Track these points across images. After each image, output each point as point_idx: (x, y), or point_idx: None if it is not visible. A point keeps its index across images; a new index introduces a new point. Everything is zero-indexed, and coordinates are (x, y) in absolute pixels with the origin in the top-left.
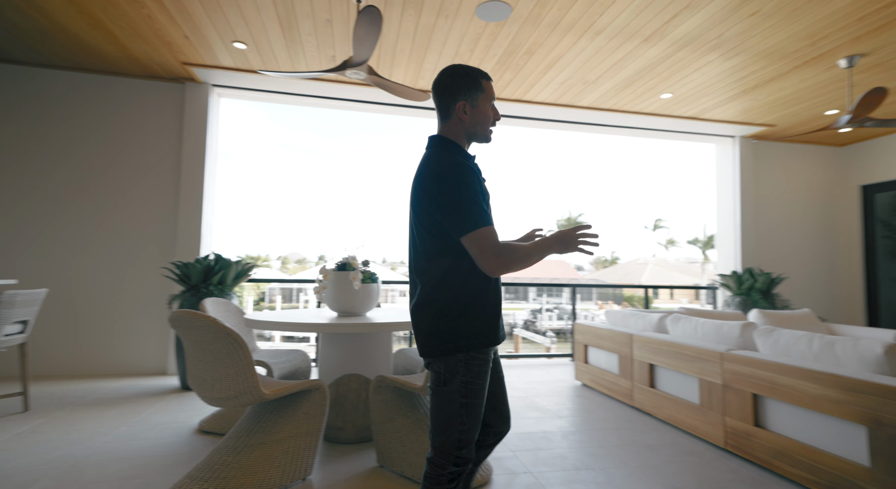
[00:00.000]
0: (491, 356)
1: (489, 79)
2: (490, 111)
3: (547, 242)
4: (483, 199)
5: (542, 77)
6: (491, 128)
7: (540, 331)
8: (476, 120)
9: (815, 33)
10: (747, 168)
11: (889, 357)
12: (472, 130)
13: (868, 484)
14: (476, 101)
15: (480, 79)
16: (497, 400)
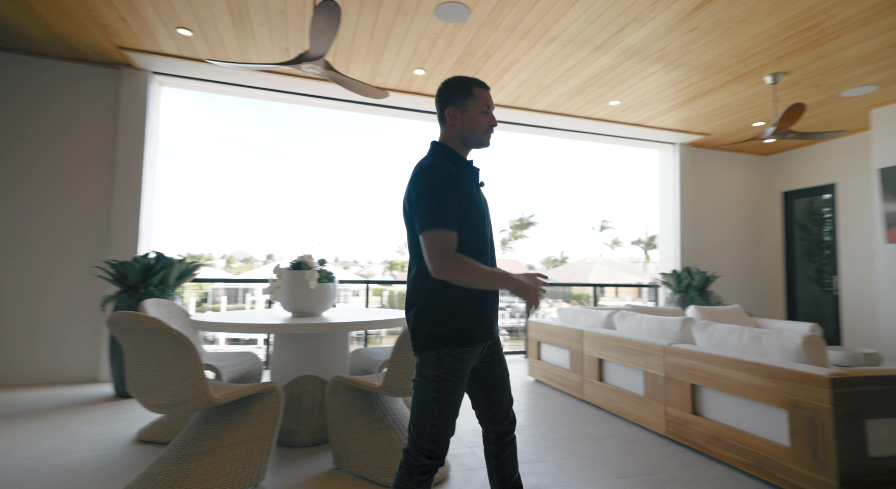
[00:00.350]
0: (469, 355)
1: (484, 87)
2: (482, 117)
3: (507, 278)
4: (458, 202)
5: (498, 79)
6: (486, 133)
7: None
8: (466, 125)
9: (745, 51)
10: (686, 173)
11: (806, 347)
12: (464, 135)
13: (788, 462)
14: (466, 107)
15: (472, 86)
16: (489, 399)
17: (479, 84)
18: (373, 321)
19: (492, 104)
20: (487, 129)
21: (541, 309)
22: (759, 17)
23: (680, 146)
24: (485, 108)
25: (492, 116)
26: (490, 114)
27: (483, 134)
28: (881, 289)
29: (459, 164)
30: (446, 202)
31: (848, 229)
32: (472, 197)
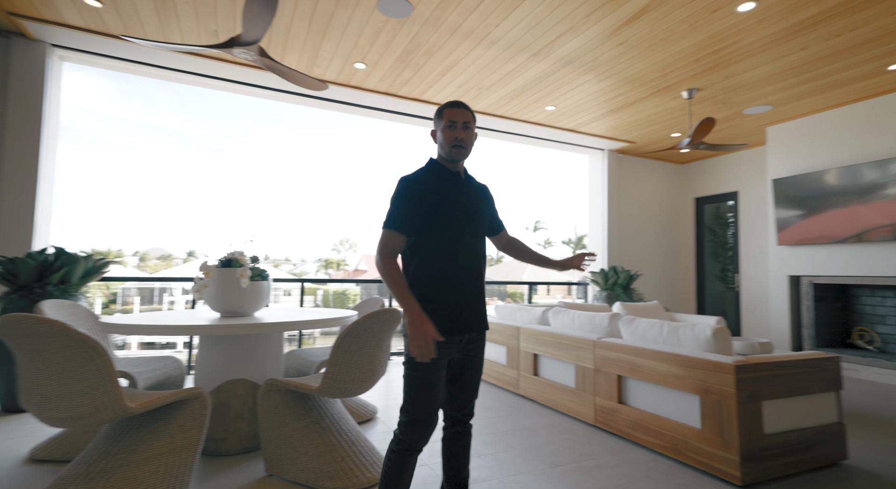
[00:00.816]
0: (443, 344)
1: (455, 106)
2: (446, 133)
3: (406, 309)
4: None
5: (440, 78)
6: (452, 147)
7: None
8: (440, 143)
9: (665, 67)
10: (613, 178)
11: (715, 338)
12: (440, 151)
13: (699, 442)
14: (438, 129)
15: (444, 109)
16: (455, 385)
17: (451, 104)
18: (311, 320)
19: (459, 118)
20: (454, 143)
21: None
22: (678, 36)
23: (608, 152)
24: (450, 124)
25: (453, 133)
26: (457, 128)
27: (450, 148)
28: (773, 285)
29: (441, 175)
30: (401, 208)
31: (748, 232)
32: (448, 203)
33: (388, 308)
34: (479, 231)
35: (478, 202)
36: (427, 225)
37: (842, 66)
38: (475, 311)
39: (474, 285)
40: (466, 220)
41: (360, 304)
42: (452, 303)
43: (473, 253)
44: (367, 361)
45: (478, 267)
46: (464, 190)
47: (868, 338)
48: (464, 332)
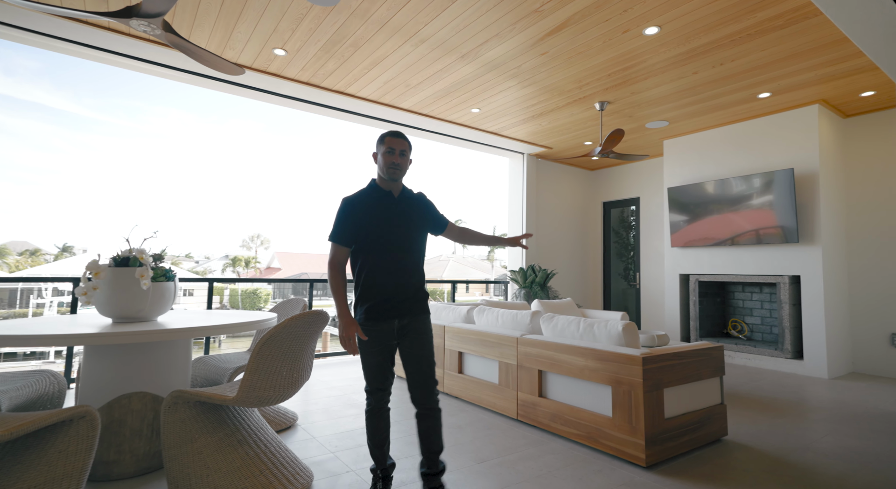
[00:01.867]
0: (372, 329)
1: (396, 136)
2: (385, 158)
3: (340, 312)
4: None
5: (366, 72)
6: (388, 169)
7: None
8: (379, 165)
9: (581, 79)
10: (532, 181)
11: (625, 333)
12: (379, 171)
13: (610, 430)
14: (379, 153)
15: (385, 137)
16: (406, 369)
17: (391, 134)
18: (226, 325)
19: (397, 146)
20: (391, 166)
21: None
22: (594, 51)
23: (527, 156)
24: (389, 150)
25: (397, 156)
26: (394, 155)
27: (387, 169)
28: (667, 283)
29: (376, 194)
30: (341, 224)
31: (647, 235)
32: (380, 216)
33: (314, 310)
34: (413, 238)
35: (410, 212)
36: (364, 235)
37: (724, 91)
38: (405, 301)
39: (404, 281)
40: (397, 228)
41: (280, 306)
42: (383, 296)
43: (405, 255)
44: (290, 367)
45: (408, 265)
46: (396, 205)
47: (739, 328)
48: (393, 318)
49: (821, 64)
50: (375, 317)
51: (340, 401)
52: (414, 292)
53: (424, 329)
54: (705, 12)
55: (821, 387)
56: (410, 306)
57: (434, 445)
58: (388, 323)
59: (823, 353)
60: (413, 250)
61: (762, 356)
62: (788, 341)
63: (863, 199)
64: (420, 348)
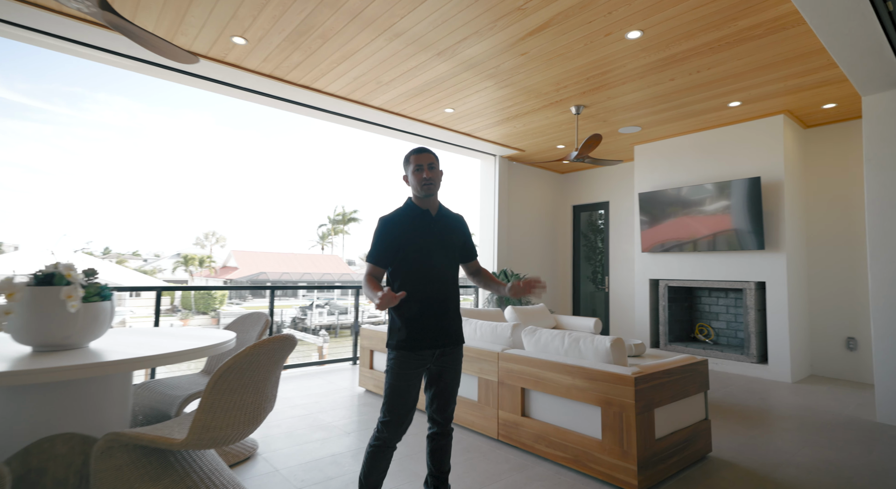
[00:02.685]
0: (412, 358)
1: (420, 152)
2: (417, 175)
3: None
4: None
5: (335, 67)
6: (422, 186)
7: (310, 329)
8: (412, 185)
9: (560, 82)
10: (504, 184)
11: (613, 349)
12: (413, 191)
13: (600, 453)
14: (408, 173)
15: (410, 156)
16: (431, 392)
17: (416, 151)
18: (174, 353)
19: (424, 161)
20: (423, 182)
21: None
22: (574, 54)
23: (499, 158)
24: (417, 168)
25: (426, 170)
26: (423, 170)
27: (420, 187)
28: (638, 288)
29: (413, 214)
30: (378, 245)
31: (616, 239)
32: (419, 237)
33: (282, 335)
34: (450, 258)
35: (448, 233)
36: (402, 256)
37: (697, 99)
38: (445, 328)
39: (443, 306)
40: (435, 250)
41: (239, 322)
42: (422, 322)
43: (442, 278)
44: (251, 401)
45: (446, 290)
46: (433, 224)
47: (706, 333)
48: (433, 348)
49: (790, 75)
50: (414, 345)
51: (305, 422)
52: (453, 319)
53: (459, 360)
54: (689, 18)
55: (786, 392)
56: (452, 334)
57: (445, 465)
58: (428, 351)
59: (787, 358)
60: (452, 273)
61: (729, 360)
62: (754, 346)
63: (821, 208)
64: (454, 378)
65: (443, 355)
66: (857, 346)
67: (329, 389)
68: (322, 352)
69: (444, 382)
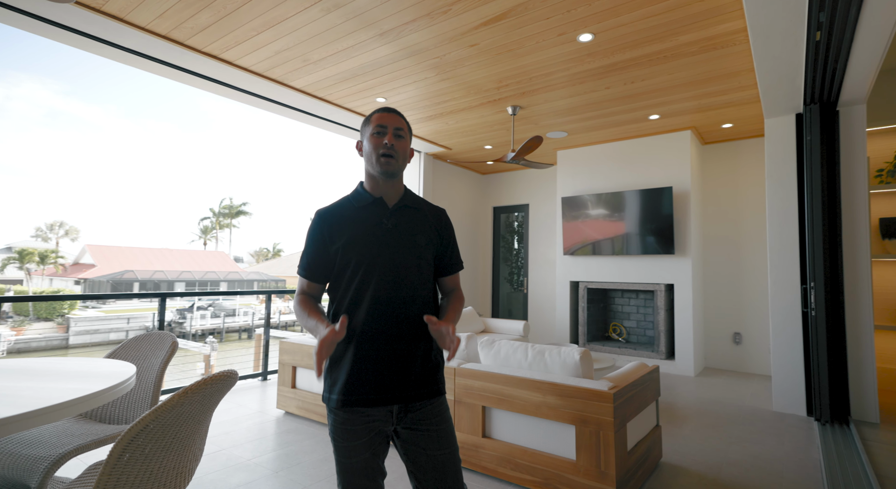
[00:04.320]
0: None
1: (386, 111)
2: (373, 141)
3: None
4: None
5: (254, 36)
6: (381, 156)
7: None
8: (367, 156)
9: (503, 80)
10: (428, 181)
11: (583, 362)
12: (368, 167)
13: (574, 475)
14: (363, 138)
15: (373, 114)
16: (417, 477)
17: (380, 110)
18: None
19: (390, 123)
20: (381, 152)
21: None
22: (523, 52)
23: (424, 155)
24: (378, 130)
25: (389, 135)
26: (385, 135)
27: (376, 160)
28: (559, 289)
29: (357, 201)
30: (307, 249)
31: (536, 241)
32: (358, 239)
33: (224, 373)
34: (411, 270)
35: (410, 229)
36: (338, 268)
37: (625, 109)
38: (402, 374)
39: (398, 342)
40: (385, 257)
41: (132, 345)
42: (363, 366)
43: (396, 300)
44: (174, 465)
45: (407, 312)
46: (387, 217)
47: (619, 332)
48: (388, 402)
49: (705, 94)
50: (357, 399)
51: (217, 462)
52: (419, 357)
53: (441, 416)
54: (640, 26)
55: (693, 386)
56: (417, 383)
57: None
58: (377, 410)
59: (690, 354)
60: (414, 289)
61: (641, 357)
62: (663, 343)
63: (714, 216)
64: (443, 447)
65: (408, 412)
66: (741, 341)
67: (239, 414)
68: (209, 362)
69: (429, 455)
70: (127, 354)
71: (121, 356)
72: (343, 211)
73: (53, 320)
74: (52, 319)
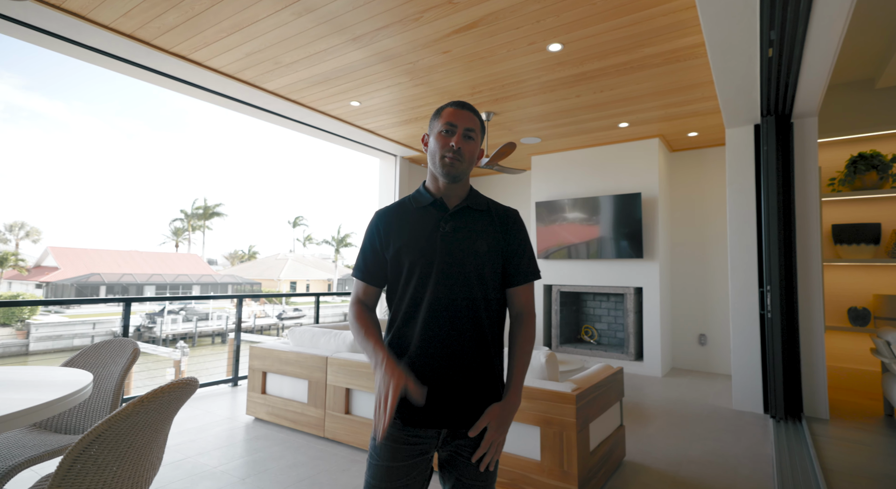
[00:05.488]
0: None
1: (460, 106)
2: (440, 140)
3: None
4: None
5: (224, 37)
6: (443, 157)
7: (160, 340)
8: (430, 154)
9: (476, 86)
10: (404, 186)
11: (548, 364)
12: (431, 167)
13: (539, 475)
14: (432, 132)
15: (444, 108)
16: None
17: (454, 104)
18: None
19: (461, 124)
20: (446, 153)
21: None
22: (495, 60)
23: (400, 159)
24: (447, 129)
25: (458, 137)
26: (455, 134)
27: (439, 160)
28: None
29: (417, 202)
30: (363, 250)
31: None
32: (412, 245)
33: (183, 380)
34: (469, 281)
35: (471, 234)
36: (393, 272)
37: (595, 116)
38: (453, 397)
39: (449, 358)
40: (438, 266)
41: (91, 352)
42: (421, 379)
43: (452, 312)
44: (128, 473)
45: (459, 331)
46: (444, 220)
47: (590, 334)
48: (438, 423)
49: (670, 104)
50: (406, 416)
51: (182, 470)
52: (474, 378)
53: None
54: (606, 38)
55: (659, 386)
56: (466, 405)
57: None
58: (424, 431)
59: (658, 355)
60: (473, 302)
61: (612, 359)
62: (632, 345)
63: (680, 221)
64: (477, 480)
65: (455, 438)
66: (706, 342)
67: (206, 421)
68: (180, 368)
69: (466, 478)
70: (85, 362)
71: (79, 364)
72: (401, 211)
73: (12, 325)
74: (10, 325)
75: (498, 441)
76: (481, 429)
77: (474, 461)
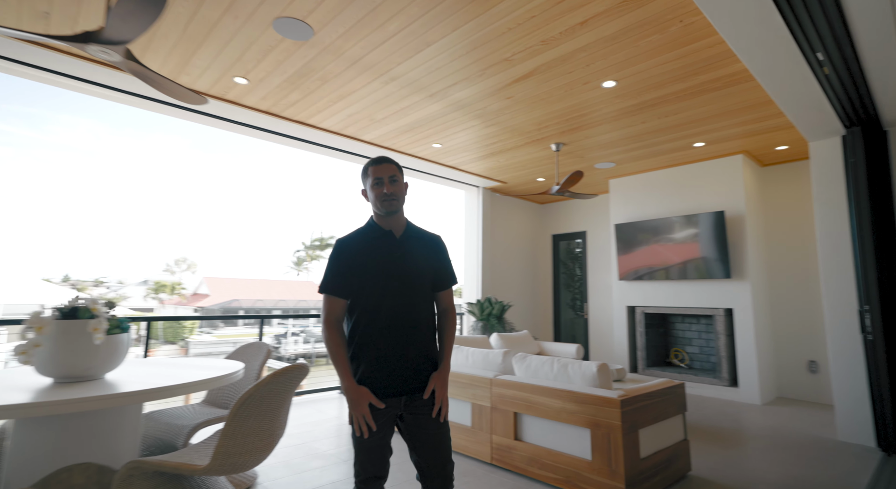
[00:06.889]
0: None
1: (378, 162)
2: (375, 190)
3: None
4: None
5: (331, 105)
6: (383, 202)
7: (285, 358)
8: (371, 201)
9: (541, 122)
10: (487, 214)
11: (600, 374)
12: (374, 209)
13: (590, 473)
14: (367, 187)
15: (368, 167)
16: (415, 453)
17: (374, 161)
18: (191, 383)
19: (384, 173)
20: (384, 198)
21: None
22: (555, 98)
23: (482, 189)
24: (376, 181)
25: (387, 184)
26: (383, 185)
27: (381, 204)
28: (615, 314)
29: (372, 235)
30: (332, 271)
31: (594, 267)
32: (375, 262)
33: (297, 364)
34: (416, 291)
35: (415, 255)
36: (358, 285)
37: (665, 139)
38: (409, 371)
39: (405, 344)
40: (398, 275)
41: (240, 351)
42: (382, 363)
43: (409, 310)
44: (267, 427)
45: (414, 322)
46: (396, 246)
47: (681, 357)
48: (398, 394)
49: (746, 121)
50: (374, 391)
51: (301, 451)
52: (422, 357)
53: (434, 403)
54: (657, 71)
55: (756, 414)
56: (419, 376)
57: None
58: (390, 400)
59: (756, 381)
60: (418, 303)
61: (703, 384)
62: (725, 370)
63: (779, 239)
64: (435, 432)
65: (413, 403)
66: (818, 369)
67: (319, 418)
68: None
69: (428, 438)
70: (238, 357)
71: (235, 358)
72: (361, 240)
73: (177, 343)
74: (175, 342)
75: (445, 397)
76: (431, 390)
77: (434, 416)
